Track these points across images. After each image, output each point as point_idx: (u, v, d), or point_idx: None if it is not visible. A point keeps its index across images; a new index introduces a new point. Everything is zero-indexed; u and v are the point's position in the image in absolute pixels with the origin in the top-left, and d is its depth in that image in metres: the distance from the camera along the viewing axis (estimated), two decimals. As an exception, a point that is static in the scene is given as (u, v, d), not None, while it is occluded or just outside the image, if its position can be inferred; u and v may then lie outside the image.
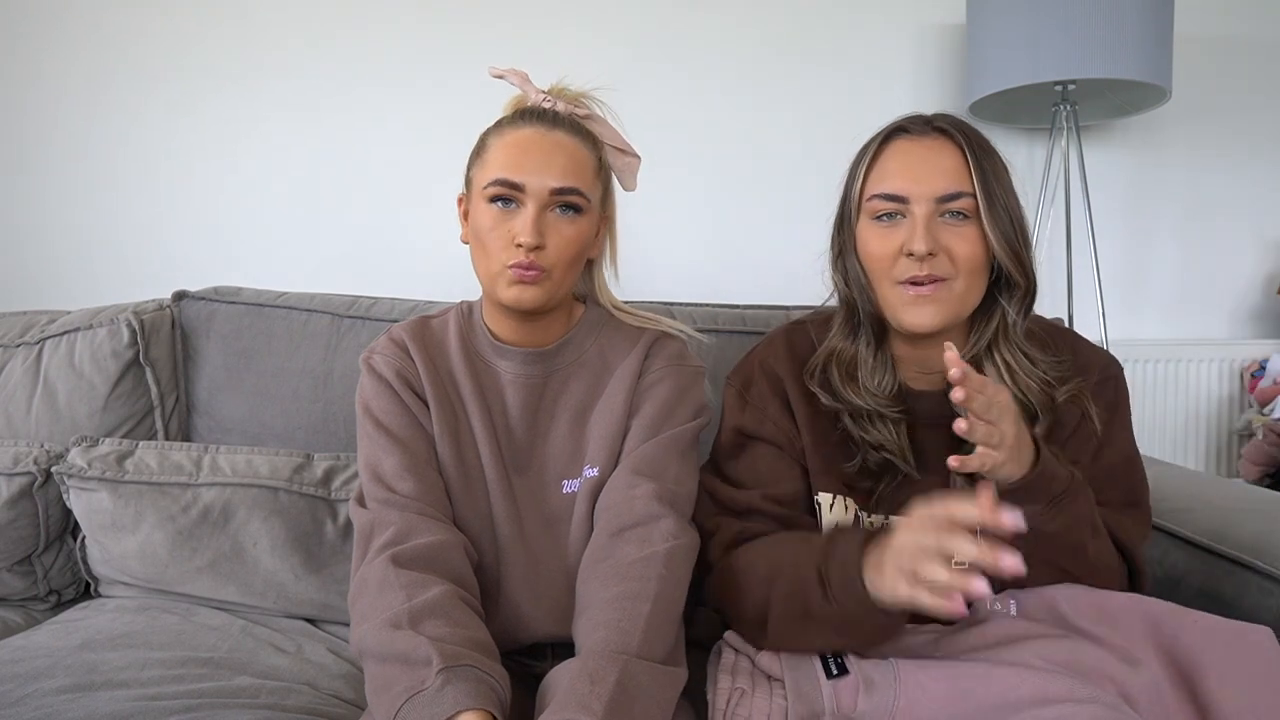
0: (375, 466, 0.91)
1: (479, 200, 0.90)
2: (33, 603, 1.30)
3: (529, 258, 0.87)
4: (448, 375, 0.96)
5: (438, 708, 0.70)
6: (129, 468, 1.23)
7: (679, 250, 2.02)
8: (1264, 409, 2.04)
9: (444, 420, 0.94)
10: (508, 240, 0.88)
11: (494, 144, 0.91)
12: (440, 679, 0.72)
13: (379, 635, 0.78)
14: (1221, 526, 1.00)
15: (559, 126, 0.91)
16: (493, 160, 0.90)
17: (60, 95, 1.91)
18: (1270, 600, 0.89)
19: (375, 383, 0.95)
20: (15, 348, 1.43)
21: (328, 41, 1.93)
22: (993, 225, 0.85)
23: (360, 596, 0.83)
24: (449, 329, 0.99)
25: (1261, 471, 1.95)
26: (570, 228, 0.90)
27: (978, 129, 0.90)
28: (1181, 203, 2.19)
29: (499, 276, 0.89)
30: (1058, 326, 1.00)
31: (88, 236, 1.92)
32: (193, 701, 0.89)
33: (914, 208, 0.86)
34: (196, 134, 1.92)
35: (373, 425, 0.93)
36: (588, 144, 0.93)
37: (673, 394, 0.96)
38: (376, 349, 0.98)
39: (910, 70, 2.05)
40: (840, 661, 0.81)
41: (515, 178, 0.88)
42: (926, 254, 0.85)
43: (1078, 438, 0.90)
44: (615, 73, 1.97)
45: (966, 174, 0.86)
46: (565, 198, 0.89)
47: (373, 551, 0.86)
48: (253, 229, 1.94)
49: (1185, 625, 0.79)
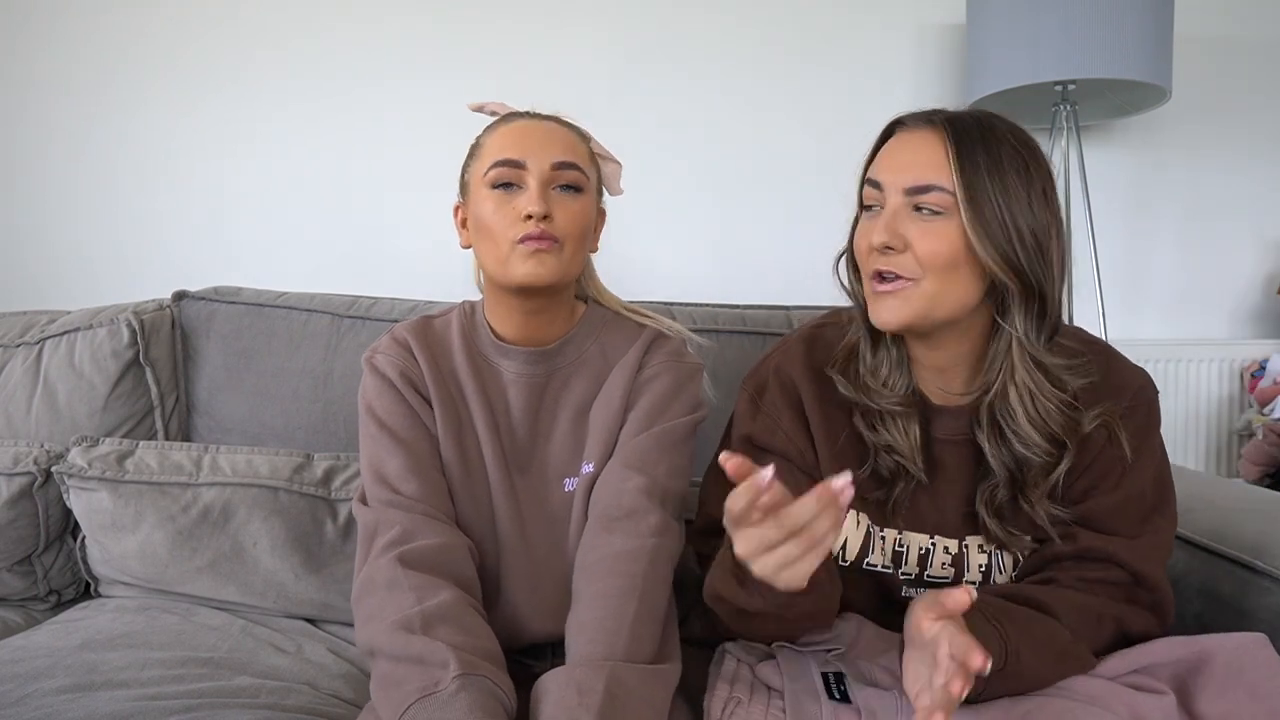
0: (379, 467, 0.91)
1: (479, 191, 0.91)
2: (33, 603, 1.30)
3: (540, 227, 0.87)
4: (451, 375, 0.96)
5: (450, 713, 0.70)
6: (129, 468, 1.23)
7: (679, 250, 2.02)
8: (1264, 409, 2.04)
9: (448, 420, 0.94)
10: (514, 217, 0.88)
11: (489, 139, 0.93)
12: (455, 684, 0.72)
13: (392, 636, 0.77)
14: (1221, 526, 1.00)
15: (550, 120, 0.94)
16: (486, 149, 0.92)
17: (60, 96, 1.91)
18: (1270, 600, 0.89)
19: (378, 382, 0.95)
20: (15, 348, 1.43)
21: (328, 41, 1.93)
22: (975, 223, 0.77)
23: (366, 595, 0.83)
24: (451, 328, 0.99)
25: (1261, 471, 1.95)
26: (575, 203, 0.91)
27: (1004, 123, 0.82)
28: (1181, 203, 2.19)
29: (510, 255, 0.88)
30: (1093, 340, 0.92)
31: (88, 236, 1.92)
32: (193, 701, 0.89)
33: (888, 196, 0.82)
34: (197, 134, 1.92)
35: (376, 426, 0.93)
36: (578, 135, 0.96)
37: (669, 388, 0.96)
38: (379, 348, 0.97)
39: (910, 70, 2.05)
40: (842, 689, 0.80)
41: (515, 156, 0.89)
42: (884, 246, 0.80)
43: (1102, 462, 0.85)
44: (615, 72, 1.97)
45: (945, 167, 0.79)
46: (566, 174, 0.90)
47: (377, 550, 0.85)
48: (253, 229, 1.94)
49: (1179, 649, 0.79)
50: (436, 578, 0.83)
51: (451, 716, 0.70)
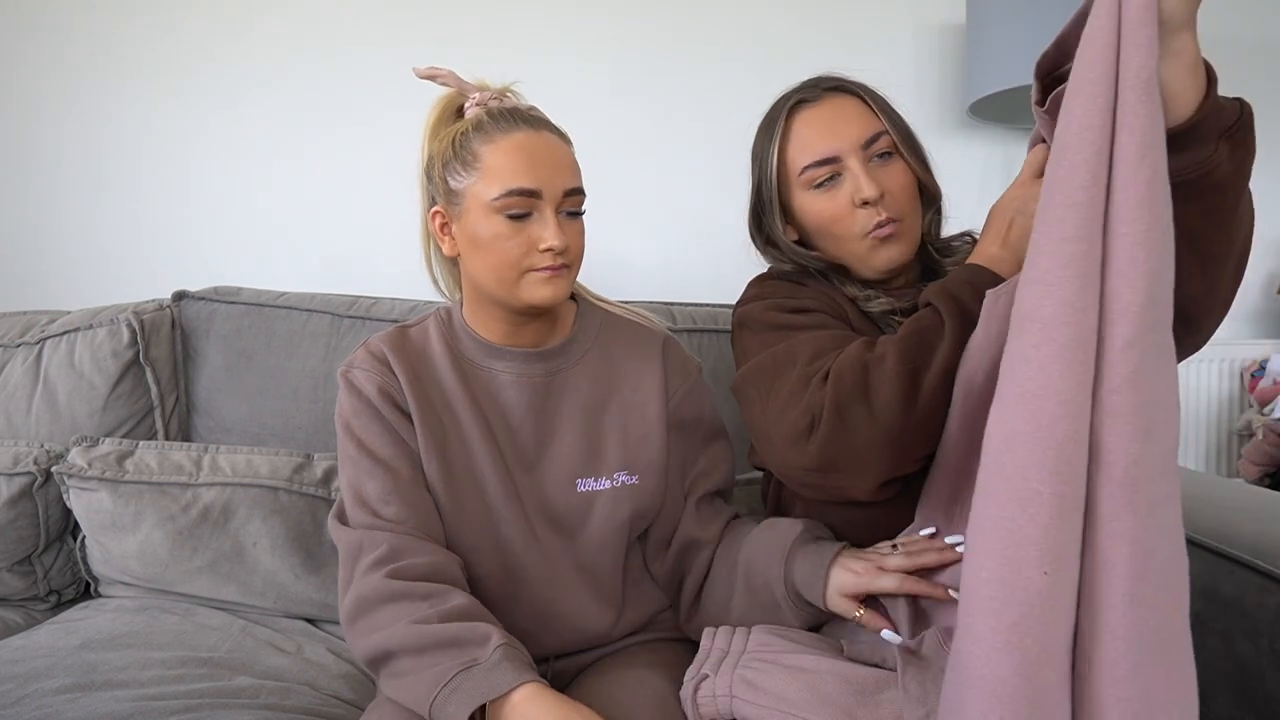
0: (359, 490, 0.89)
1: (481, 212, 0.86)
2: (33, 603, 1.30)
3: (558, 261, 0.87)
4: (433, 384, 0.94)
5: (498, 676, 0.70)
6: (129, 468, 1.23)
7: (680, 250, 2.02)
8: (1264, 409, 2.04)
9: (429, 433, 0.91)
10: (528, 247, 0.86)
11: (489, 152, 0.86)
12: (499, 653, 0.72)
13: (415, 630, 0.76)
14: (1221, 526, 1.00)
15: (542, 127, 0.89)
16: (494, 169, 0.85)
17: (60, 96, 1.91)
18: (1270, 600, 0.89)
19: (355, 400, 0.91)
20: (15, 348, 1.43)
21: (327, 42, 1.93)
22: (911, 154, 0.94)
23: (365, 613, 0.81)
24: (430, 337, 0.97)
25: (1261, 471, 1.95)
26: (578, 225, 0.91)
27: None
28: (1181, 203, 2.18)
29: (523, 280, 0.87)
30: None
31: (88, 236, 1.92)
32: (193, 702, 0.89)
33: (848, 162, 0.92)
34: (196, 134, 1.92)
35: (355, 446, 0.90)
36: (566, 140, 0.92)
37: (703, 402, 1.02)
38: (355, 363, 0.93)
39: (910, 70, 2.05)
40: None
41: (531, 185, 0.85)
42: (879, 197, 0.90)
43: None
44: (612, 72, 1.97)
45: (874, 116, 0.94)
46: (574, 199, 0.89)
47: (364, 568, 0.83)
48: (253, 229, 1.94)
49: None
50: (442, 584, 0.82)
51: (500, 679, 0.69)
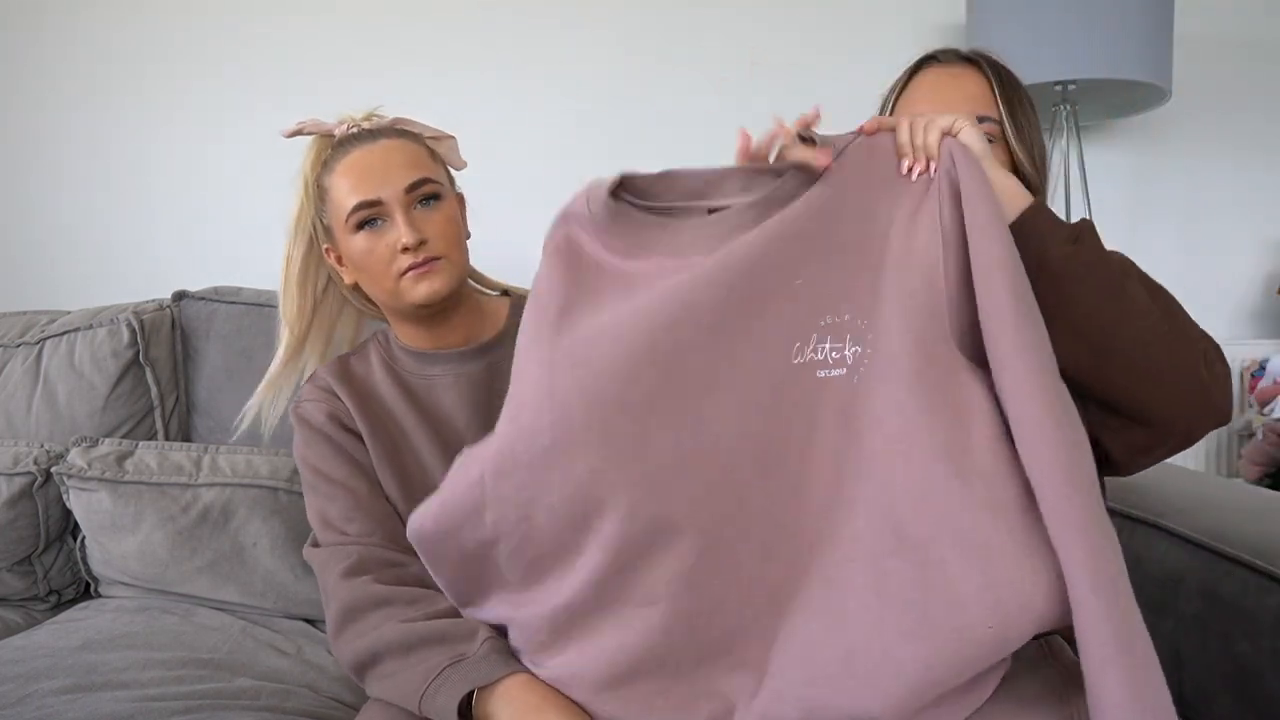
0: (323, 514, 0.92)
1: (346, 236, 0.91)
2: (33, 603, 1.30)
3: (419, 255, 0.88)
4: (378, 403, 0.96)
5: (485, 669, 0.70)
6: (129, 468, 1.23)
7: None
8: (1264, 409, 2.04)
9: (381, 450, 0.93)
10: (391, 252, 0.89)
11: (332, 181, 0.92)
12: (488, 645, 0.72)
13: (402, 629, 0.76)
14: (1221, 526, 1.00)
15: (381, 136, 0.93)
16: (338, 194, 0.91)
17: (60, 96, 1.91)
18: (1270, 600, 0.89)
19: (307, 433, 0.95)
20: (15, 348, 1.43)
21: (325, 43, 1.93)
22: (1021, 148, 0.89)
23: (350, 620, 0.82)
24: (370, 360, 1.00)
25: (1261, 471, 1.94)
26: (439, 213, 0.92)
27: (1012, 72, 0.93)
28: (1181, 203, 2.18)
29: (399, 287, 0.90)
30: None
31: (88, 237, 1.92)
32: (193, 703, 0.89)
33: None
34: (196, 134, 1.92)
35: (312, 475, 0.94)
36: (410, 139, 0.95)
37: None
38: (304, 397, 0.98)
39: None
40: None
41: (368, 196, 0.89)
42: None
43: None
44: (611, 70, 1.97)
45: (993, 100, 0.89)
46: (421, 190, 0.90)
47: (339, 576, 0.85)
48: (252, 229, 1.94)
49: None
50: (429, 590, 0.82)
51: (489, 669, 0.69)
